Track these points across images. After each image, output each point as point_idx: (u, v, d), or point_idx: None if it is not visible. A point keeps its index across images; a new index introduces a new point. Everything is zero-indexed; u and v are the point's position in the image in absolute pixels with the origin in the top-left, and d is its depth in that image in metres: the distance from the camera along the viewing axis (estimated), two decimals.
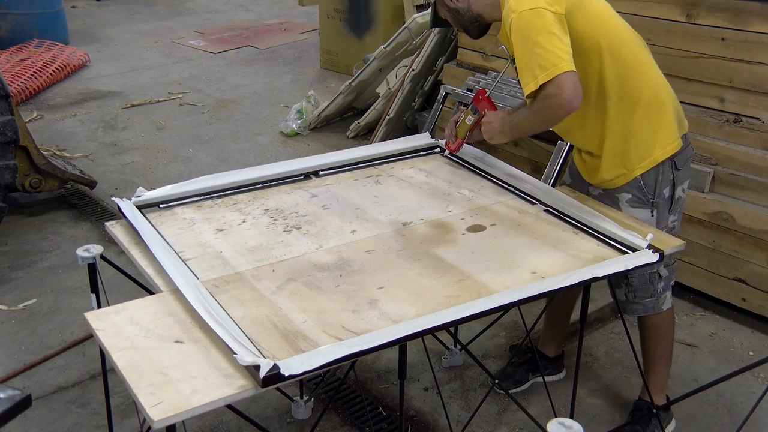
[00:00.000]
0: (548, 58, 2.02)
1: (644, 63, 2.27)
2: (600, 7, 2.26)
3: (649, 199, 2.30)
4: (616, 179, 2.32)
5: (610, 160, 2.30)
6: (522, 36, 2.08)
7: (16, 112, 3.75)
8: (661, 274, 2.38)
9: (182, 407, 1.45)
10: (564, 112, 2.06)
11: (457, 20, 2.36)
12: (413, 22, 5.07)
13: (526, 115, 2.18)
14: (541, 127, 2.20)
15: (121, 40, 7.80)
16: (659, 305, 2.43)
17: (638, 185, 2.30)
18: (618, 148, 2.27)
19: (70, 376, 2.85)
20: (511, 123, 2.26)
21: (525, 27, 2.07)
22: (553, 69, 2.01)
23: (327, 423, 2.62)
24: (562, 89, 2.01)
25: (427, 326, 1.71)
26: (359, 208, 2.33)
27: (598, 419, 2.67)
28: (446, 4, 2.35)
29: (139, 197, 2.28)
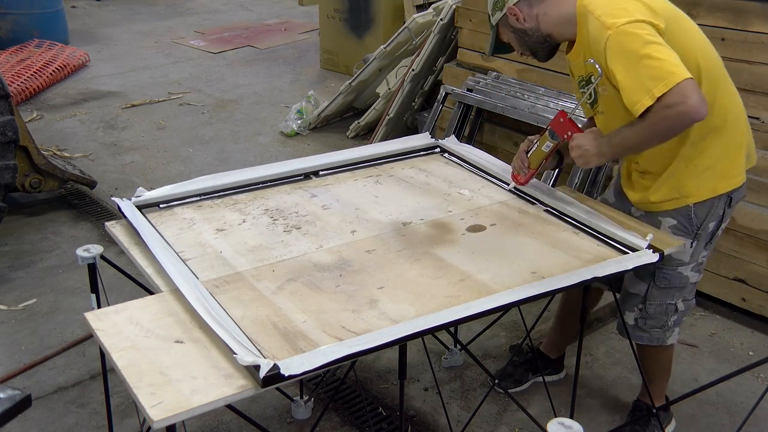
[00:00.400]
0: (663, 68, 1.87)
1: (731, 87, 2.14)
2: (692, 24, 2.11)
3: (693, 230, 2.19)
4: (664, 203, 2.19)
5: (665, 182, 2.17)
6: (624, 51, 1.92)
7: (16, 112, 3.75)
8: (678, 307, 2.31)
9: (182, 407, 1.45)
10: (689, 121, 1.91)
11: (524, 42, 2.19)
12: (413, 22, 5.07)
13: (637, 130, 1.97)
14: (656, 141, 2.00)
15: (121, 40, 7.80)
16: (665, 338, 2.36)
17: (687, 214, 2.18)
18: (678, 172, 2.14)
19: (70, 376, 2.85)
20: (610, 142, 2.05)
21: (627, 41, 1.92)
22: (672, 77, 1.86)
23: (327, 423, 2.62)
24: (687, 97, 1.85)
25: (427, 326, 1.71)
26: (359, 208, 2.33)
27: (598, 419, 2.67)
28: (511, 25, 2.16)
29: (139, 197, 2.28)
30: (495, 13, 2.19)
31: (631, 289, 2.35)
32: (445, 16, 4.50)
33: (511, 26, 2.17)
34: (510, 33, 2.20)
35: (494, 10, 2.19)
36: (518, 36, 2.19)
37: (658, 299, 2.29)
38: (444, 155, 2.74)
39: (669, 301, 2.29)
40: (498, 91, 3.99)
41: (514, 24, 2.16)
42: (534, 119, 3.72)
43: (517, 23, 2.15)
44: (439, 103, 4.31)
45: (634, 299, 2.34)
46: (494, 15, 2.20)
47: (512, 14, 2.14)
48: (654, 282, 2.27)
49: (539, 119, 3.69)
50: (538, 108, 3.75)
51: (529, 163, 2.32)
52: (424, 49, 4.72)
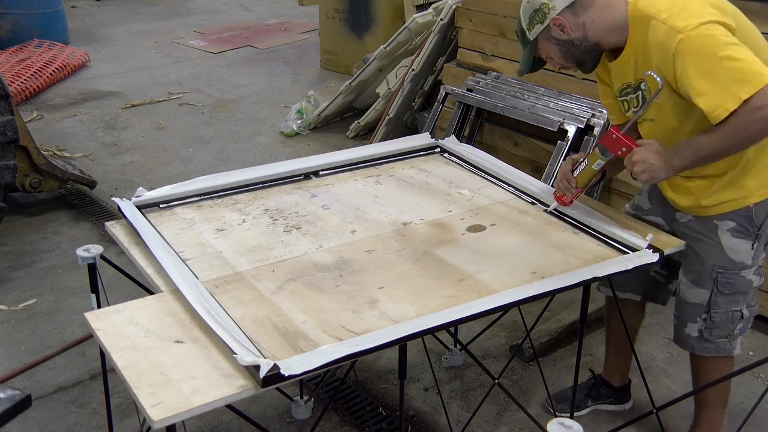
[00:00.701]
0: (747, 70, 1.78)
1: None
2: (750, 22, 2.05)
3: (754, 231, 2.10)
4: (721, 205, 2.09)
5: (725, 184, 2.07)
6: (701, 55, 1.81)
7: (16, 112, 3.75)
8: (744, 314, 2.20)
9: (182, 407, 1.45)
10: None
11: (570, 54, 2.06)
12: (413, 22, 5.07)
13: (716, 138, 1.87)
14: (738, 148, 1.91)
15: (121, 40, 7.80)
16: (731, 348, 2.24)
17: (748, 214, 2.08)
18: (738, 172, 2.04)
19: (70, 376, 2.85)
20: (681, 154, 1.94)
21: (704, 45, 1.81)
22: (758, 78, 1.76)
23: (327, 423, 2.62)
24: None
25: (427, 326, 1.71)
26: (359, 208, 2.33)
27: (598, 419, 2.67)
28: (554, 37, 2.03)
29: (139, 197, 2.28)
30: (534, 27, 2.05)
31: (690, 299, 2.23)
32: (445, 16, 4.50)
33: (554, 38, 2.04)
34: (553, 46, 2.06)
35: (532, 24, 2.05)
36: (563, 48, 2.05)
37: (723, 307, 2.18)
38: (444, 155, 2.74)
39: (734, 308, 2.18)
40: (498, 91, 3.99)
41: (558, 36, 2.02)
42: (534, 119, 3.72)
43: (562, 34, 2.02)
44: (439, 103, 4.31)
45: (696, 309, 2.22)
46: (532, 29, 2.05)
47: (557, 25, 2.00)
48: (717, 288, 2.17)
49: (539, 119, 3.69)
50: (538, 108, 3.75)
51: (576, 182, 2.20)
52: (424, 49, 4.72)
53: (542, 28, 2.04)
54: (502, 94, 3.95)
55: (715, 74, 1.81)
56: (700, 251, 2.17)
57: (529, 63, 2.14)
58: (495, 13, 4.10)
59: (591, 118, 3.55)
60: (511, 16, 4.02)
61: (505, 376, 2.86)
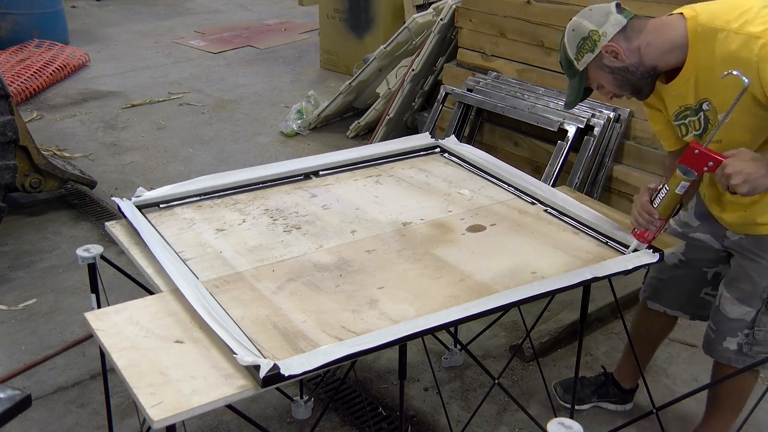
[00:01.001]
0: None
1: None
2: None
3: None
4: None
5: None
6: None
7: (16, 112, 3.75)
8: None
9: (182, 407, 1.45)
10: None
11: (625, 81, 1.95)
12: (413, 22, 5.07)
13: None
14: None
15: (121, 40, 7.80)
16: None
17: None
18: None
19: (70, 376, 2.85)
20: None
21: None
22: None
23: (327, 423, 2.62)
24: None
25: (427, 326, 1.71)
26: (359, 208, 2.33)
27: (598, 419, 2.67)
28: (607, 66, 1.93)
29: (139, 197, 2.28)
30: (583, 57, 1.94)
31: (732, 315, 2.16)
32: (445, 16, 4.51)
33: (607, 67, 1.93)
34: (606, 74, 1.95)
35: (581, 54, 1.94)
36: (617, 76, 1.94)
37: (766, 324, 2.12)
38: (444, 155, 2.74)
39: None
40: (498, 91, 3.99)
41: (611, 63, 1.92)
42: (534, 119, 3.72)
43: (615, 62, 1.91)
44: (439, 103, 4.31)
45: (737, 324, 2.16)
46: (581, 59, 1.95)
47: (610, 52, 1.91)
48: (765, 308, 2.10)
49: (539, 119, 3.69)
50: (538, 108, 3.75)
51: (659, 213, 2.01)
52: (424, 49, 4.72)
53: (593, 57, 1.94)
54: (502, 94, 3.95)
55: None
56: (751, 271, 2.09)
57: (580, 94, 2.03)
58: (495, 13, 4.11)
59: (591, 118, 3.55)
60: (511, 16, 4.02)
61: (505, 376, 2.86)
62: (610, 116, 3.53)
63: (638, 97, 2.02)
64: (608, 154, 3.55)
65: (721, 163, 1.80)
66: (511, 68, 4.10)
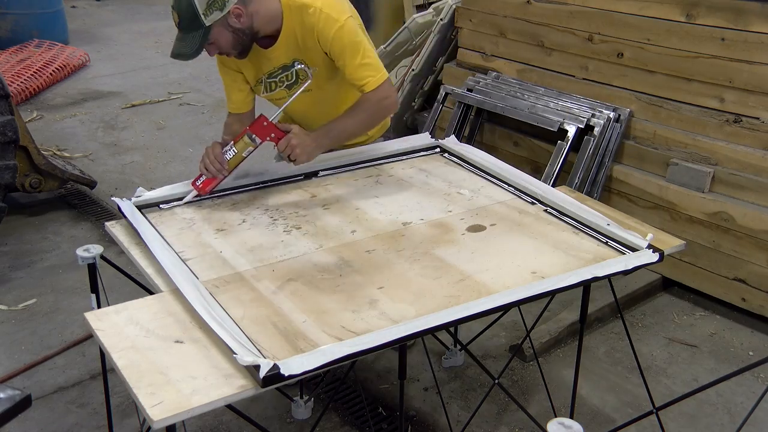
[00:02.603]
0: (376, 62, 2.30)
1: None
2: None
3: None
4: None
5: None
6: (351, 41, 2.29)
7: (16, 112, 3.75)
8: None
9: (182, 407, 1.45)
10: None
11: (240, 41, 2.26)
12: (413, 22, 5.06)
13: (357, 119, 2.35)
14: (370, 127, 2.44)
15: (121, 40, 7.80)
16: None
17: None
18: None
19: (70, 376, 2.85)
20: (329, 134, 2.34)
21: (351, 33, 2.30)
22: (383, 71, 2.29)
23: (327, 423, 2.62)
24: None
25: (427, 326, 1.71)
26: (359, 208, 2.33)
27: (598, 419, 2.67)
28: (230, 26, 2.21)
29: (139, 197, 2.28)
30: (212, 13, 2.16)
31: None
32: (445, 16, 4.50)
33: (230, 27, 2.21)
34: (228, 34, 2.23)
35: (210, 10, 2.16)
36: (236, 36, 2.24)
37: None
38: (444, 155, 2.74)
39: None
40: (498, 91, 3.99)
41: (234, 24, 2.21)
42: (534, 119, 3.72)
43: (237, 23, 2.21)
44: (439, 103, 4.31)
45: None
46: (209, 15, 2.16)
47: (236, 14, 2.19)
48: None
49: (539, 119, 3.69)
50: (538, 108, 3.75)
51: (228, 165, 2.31)
52: (424, 49, 4.72)
53: (221, 15, 2.17)
54: (502, 94, 3.95)
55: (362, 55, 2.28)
56: None
57: (200, 49, 2.22)
58: (495, 13, 4.11)
59: (591, 118, 3.55)
60: (511, 16, 4.02)
61: (505, 376, 2.87)
62: (610, 116, 3.53)
63: (240, 57, 2.33)
64: (608, 154, 3.55)
65: (285, 136, 2.26)
66: (511, 68, 4.10)
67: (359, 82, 2.30)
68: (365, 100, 2.33)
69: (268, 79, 2.43)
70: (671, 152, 3.37)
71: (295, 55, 2.35)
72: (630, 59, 3.50)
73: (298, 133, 2.27)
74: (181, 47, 2.22)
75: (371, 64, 2.31)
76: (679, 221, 3.33)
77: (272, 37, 2.32)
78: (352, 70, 2.30)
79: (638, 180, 3.48)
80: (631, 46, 3.48)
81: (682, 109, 3.35)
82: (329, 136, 2.34)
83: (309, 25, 2.27)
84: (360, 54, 2.29)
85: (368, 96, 2.32)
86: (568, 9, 3.71)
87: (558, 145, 3.63)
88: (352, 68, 2.30)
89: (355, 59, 2.28)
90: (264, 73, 2.43)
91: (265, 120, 2.27)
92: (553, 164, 3.62)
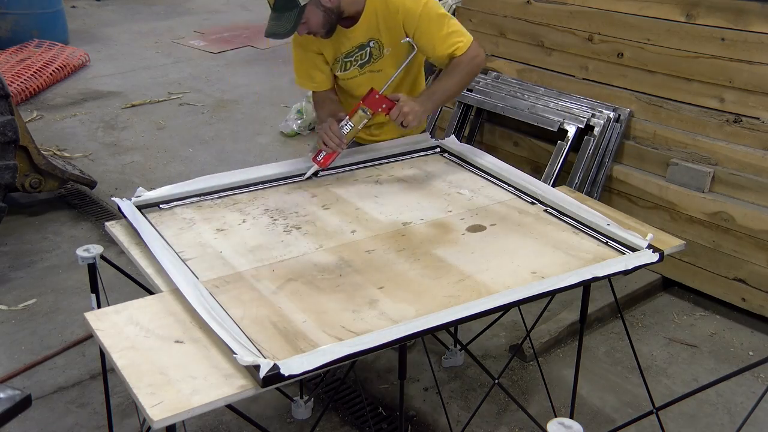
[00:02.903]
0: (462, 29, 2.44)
1: None
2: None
3: None
4: None
5: None
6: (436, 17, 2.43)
7: (16, 112, 3.75)
8: None
9: (182, 407, 1.45)
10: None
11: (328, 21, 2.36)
12: None
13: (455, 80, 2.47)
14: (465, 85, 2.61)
15: (121, 40, 7.80)
16: None
17: None
18: None
19: (70, 376, 2.85)
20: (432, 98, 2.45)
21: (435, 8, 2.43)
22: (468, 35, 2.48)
23: (327, 423, 2.62)
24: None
25: (427, 326, 1.71)
26: (359, 208, 2.33)
27: (598, 419, 2.67)
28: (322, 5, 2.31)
29: (139, 197, 2.28)
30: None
31: None
32: None
33: (323, 6, 2.30)
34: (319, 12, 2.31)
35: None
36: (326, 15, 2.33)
37: None
38: (444, 155, 2.74)
39: None
40: (498, 91, 3.99)
41: (326, 3, 2.30)
42: (534, 119, 3.72)
43: (328, 2, 2.30)
44: None
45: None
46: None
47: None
48: None
49: (539, 119, 3.69)
50: (538, 108, 3.75)
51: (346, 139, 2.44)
52: None
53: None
54: (502, 94, 3.95)
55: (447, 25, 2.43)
56: None
57: (295, 27, 2.29)
58: (495, 13, 4.10)
59: (591, 118, 3.55)
60: (511, 16, 4.02)
61: (505, 376, 2.87)
62: (610, 116, 3.53)
63: (326, 36, 2.42)
64: (608, 154, 3.55)
65: (395, 105, 2.36)
66: (511, 68, 4.10)
67: (450, 49, 2.42)
68: (459, 62, 2.44)
69: (345, 58, 2.52)
70: (671, 152, 3.37)
71: (373, 35, 2.45)
72: (630, 59, 3.50)
73: (406, 100, 2.37)
74: (276, 27, 2.29)
75: (457, 31, 2.43)
76: (679, 221, 3.33)
77: (352, 18, 2.42)
78: (440, 42, 2.41)
79: (638, 180, 3.48)
80: (631, 46, 3.48)
81: (682, 109, 3.35)
82: (432, 99, 2.44)
83: (394, 6, 2.38)
84: (446, 24, 2.41)
85: (461, 58, 2.44)
86: (568, 9, 3.71)
87: (558, 145, 3.63)
88: (440, 40, 2.41)
89: (442, 30, 2.40)
90: (342, 53, 2.52)
91: (376, 93, 2.38)
92: (553, 164, 3.62)
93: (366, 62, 2.53)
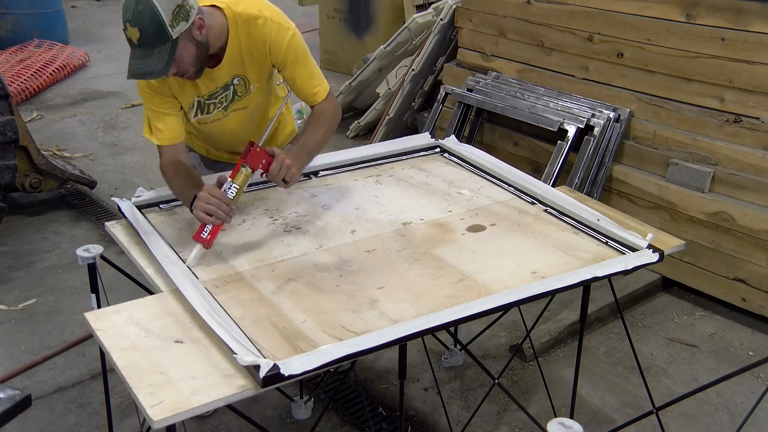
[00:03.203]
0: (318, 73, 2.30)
1: None
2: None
3: None
4: None
5: None
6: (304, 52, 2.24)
7: (16, 112, 3.75)
8: None
9: (182, 407, 1.45)
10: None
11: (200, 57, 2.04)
12: (413, 22, 5.07)
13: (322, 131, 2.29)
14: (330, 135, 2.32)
15: (121, 40, 7.75)
16: None
17: None
18: None
19: (70, 376, 2.85)
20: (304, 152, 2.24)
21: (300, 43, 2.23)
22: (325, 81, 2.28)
23: (327, 423, 2.62)
24: None
25: (427, 326, 1.71)
26: (359, 208, 2.33)
27: (598, 419, 2.67)
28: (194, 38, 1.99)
29: (139, 197, 2.28)
30: (178, 24, 1.93)
31: None
32: (445, 16, 4.50)
33: (194, 39, 1.99)
34: (192, 47, 2.00)
35: (176, 20, 1.93)
36: (199, 50, 2.02)
37: None
38: (444, 155, 2.74)
39: None
40: (498, 91, 3.99)
41: (197, 37, 1.99)
42: (534, 119, 3.72)
43: (200, 35, 2.00)
44: (439, 103, 4.31)
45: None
46: (176, 26, 1.93)
47: (199, 25, 1.99)
48: None
49: (539, 119, 3.69)
50: (538, 108, 3.75)
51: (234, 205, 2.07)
52: (424, 49, 4.72)
53: (187, 26, 1.95)
54: (502, 94, 3.95)
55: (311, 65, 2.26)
56: None
57: (170, 63, 1.95)
58: (495, 13, 4.11)
59: (591, 118, 3.55)
60: (511, 16, 4.02)
61: (505, 376, 2.87)
62: (610, 116, 3.53)
63: (195, 76, 2.10)
64: (608, 154, 3.55)
65: (276, 158, 2.06)
66: (511, 68, 4.10)
67: (311, 91, 2.26)
68: (322, 112, 2.28)
69: (208, 100, 2.24)
70: (671, 152, 3.37)
71: (237, 71, 2.19)
72: (630, 59, 3.50)
73: (286, 155, 2.10)
74: (146, 65, 1.96)
75: (318, 74, 2.27)
76: (679, 221, 3.33)
77: (216, 55, 2.13)
78: (303, 81, 2.24)
79: (638, 180, 3.48)
80: (631, 46, 3.48)
81: (682, 109, 3.35)
82: (305, 152, 2.24)
83: (259, 36, 2.13)
84: (309, 63, 2.24)
85: (323, 107, 2.28)
86: (568, 9, 3.71)
87: (558, 145, 3.63)
88: (303, 78, 2.24)
89: (306, 69, 2.23)
90: (203, 95, 2.22)
91: (256, 146, 2.05)
92: (553, 164, 3.61)
93: (230, 102, 2.26)
